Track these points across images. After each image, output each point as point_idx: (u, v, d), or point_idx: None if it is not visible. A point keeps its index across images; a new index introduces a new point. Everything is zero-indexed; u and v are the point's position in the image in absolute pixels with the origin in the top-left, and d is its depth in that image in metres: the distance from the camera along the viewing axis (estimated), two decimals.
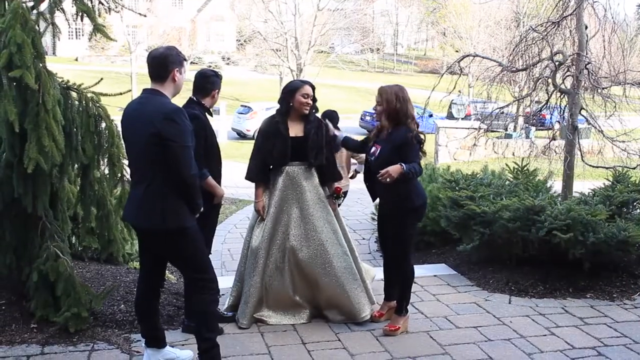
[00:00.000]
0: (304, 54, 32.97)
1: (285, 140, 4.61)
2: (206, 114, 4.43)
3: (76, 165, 4.71)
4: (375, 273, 5.32)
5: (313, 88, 4.69)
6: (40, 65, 4.13)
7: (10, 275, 4.54)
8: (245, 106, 27.83)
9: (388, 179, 4.23)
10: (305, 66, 33.02)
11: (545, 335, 4.62)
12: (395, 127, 4.44)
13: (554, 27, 6.83)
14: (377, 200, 4.87)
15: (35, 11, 4.36)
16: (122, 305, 4.65)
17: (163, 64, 3.54)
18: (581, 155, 6.88)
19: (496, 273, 5.87)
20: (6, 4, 4.25)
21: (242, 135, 26.41)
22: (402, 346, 4.37)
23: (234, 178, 10.23)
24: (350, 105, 37.02)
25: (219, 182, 4.47)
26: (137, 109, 3.55)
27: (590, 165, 6.99)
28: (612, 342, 4.51)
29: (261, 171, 4.74)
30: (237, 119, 27.15)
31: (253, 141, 5.30)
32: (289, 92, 4.66)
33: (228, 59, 50.29)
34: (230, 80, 34.82)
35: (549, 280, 5.60)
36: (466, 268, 6.16)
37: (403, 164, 4.26)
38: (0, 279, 4.58)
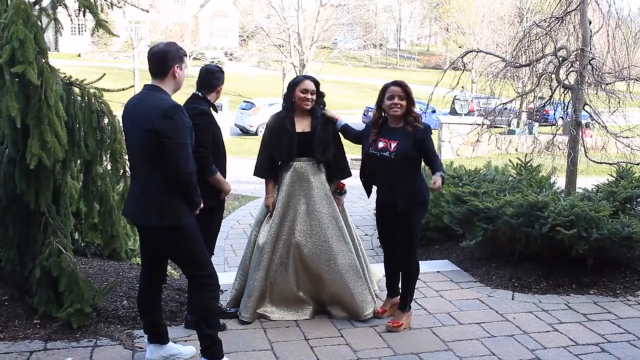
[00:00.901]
0: (306, 49, 32.90)
1: (292, 136, 4.60)
2: (211, 109, 4.43)
3: (79, 161, 4.71)
4: (381, 276, 5.30)
5: (317, 83, 4.68)
6: (43, 60, 4.12)
7: (13, 271, 4.55)
8: (248, 102, 27.86)
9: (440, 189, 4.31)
10: (308, 62, 32.92)
11: (548, 331, 4.62)
12: (408, 122, 4.45)
13: (557, 23, 6.81)
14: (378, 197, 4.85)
15: (37, 7, 4.34)
16: (125, 301, 4.65)
17: (163, 60, 3.53)
18: (585, 151, 6.87)
19: (499, 269, 5.85)
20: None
21: (244, 131, 26.43)
22: (405, 342, 4.36)
23: (236, 174, 10.22)
24: (353, 101, 36.99)
25: (224, 178, 4.46)
26: (136, 105, 3.55)
27: (593, 161, 6.97)
28: (616, 339, 4.50)
29: (269, 167, 4.74)
30: (239, 115, 27.17)
31: (256, 137, 5.29)
32: (290, 87, 4.67)
33: (231, 54, 50.34)
34: (233, 76, 34.85)
35: (552, 277, 5.59)
36: (469, 264, 6.15)
37: (440, 171, 4.31)
38: (3, 275, 4.59)
